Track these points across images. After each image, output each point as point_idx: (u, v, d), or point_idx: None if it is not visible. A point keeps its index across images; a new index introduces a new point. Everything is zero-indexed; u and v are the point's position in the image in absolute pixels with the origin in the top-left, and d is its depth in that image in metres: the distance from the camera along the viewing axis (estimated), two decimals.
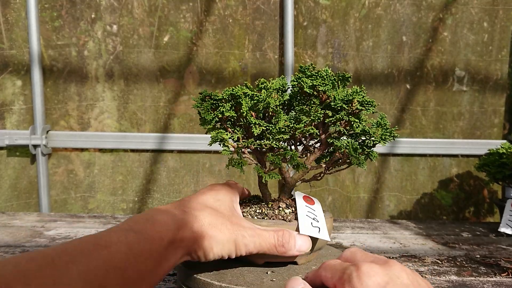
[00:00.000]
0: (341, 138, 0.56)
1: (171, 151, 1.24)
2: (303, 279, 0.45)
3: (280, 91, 0.55)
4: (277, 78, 0.55)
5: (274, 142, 0.51)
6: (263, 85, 0.54)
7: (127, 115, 1.22)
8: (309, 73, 0.54)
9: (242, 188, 0.58)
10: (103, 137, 1.20)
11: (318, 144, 0.57)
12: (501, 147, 1.00)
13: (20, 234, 0.83)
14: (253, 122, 0.51)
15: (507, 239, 0.89)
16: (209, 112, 0.52)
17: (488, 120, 1.30)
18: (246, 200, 0.59)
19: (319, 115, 0.51)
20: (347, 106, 0.52)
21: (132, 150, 1.23)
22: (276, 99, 0.52)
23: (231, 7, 1.21)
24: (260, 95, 0.51)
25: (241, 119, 0.53)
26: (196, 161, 1.25)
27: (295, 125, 0.52)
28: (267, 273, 0.50)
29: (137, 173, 1.24)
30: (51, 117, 1.21)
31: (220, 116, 0.52)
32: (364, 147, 0.55)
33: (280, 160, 0.51)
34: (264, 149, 0.54)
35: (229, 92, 0.51)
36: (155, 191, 1.24)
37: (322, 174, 0.57)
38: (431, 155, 1.29)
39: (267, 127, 0.51)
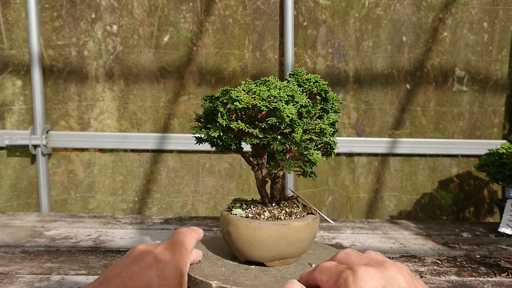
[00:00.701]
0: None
1: (171, 151, 1.24)
2: (298, 280, 0.44)
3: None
4: (271, 78, 0.56)
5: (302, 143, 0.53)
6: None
7: (127, 115, 1.22)
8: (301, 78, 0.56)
9: (201, 232, 0.53)
10: (103, 137, 1.20)
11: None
12: (501, 147, 1.00)
13: (20, 234, 0.83)
14: (298, 123, 0.51)
15: (507, 239, 0.89)
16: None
17: (488, 120, 1.30)
18: (249, 205, 0.59)
19: (334, 116, 0.54)
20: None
21: (132, 150, 1.23)
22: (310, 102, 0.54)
23: (231, 7, 1.21)
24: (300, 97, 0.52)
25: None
26: (196, 161, 1.25)
27: (321, 124, 0.53)
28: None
29: (137, 173, 1.24)
30: (51, 117, 1.21)
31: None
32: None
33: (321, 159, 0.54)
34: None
35: (288, 93, 0.51)
36: (155, 191, 1.24)
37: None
38: (431, 155, 1.29)
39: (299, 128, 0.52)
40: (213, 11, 1.21)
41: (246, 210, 0.56)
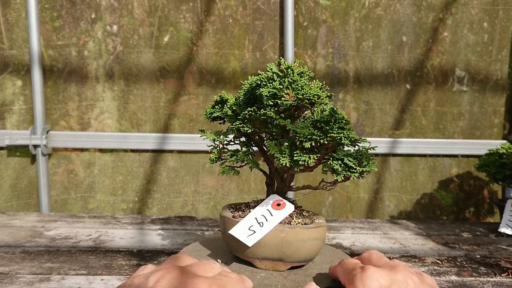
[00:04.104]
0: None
1: (171, 151, 1.24)
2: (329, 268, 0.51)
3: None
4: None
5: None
6: None
7: (127, 115, 1.22)
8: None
9: (250, 284, 0.44)
10: (103, 137, 1.20)
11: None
12: (501, 147, 1.00)
13: (20, 234, 0.83)
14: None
15: (507, 239, 0.89)
16: None
17: (488, 120, 1.30)
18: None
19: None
20: None
21: (132, 150, 1.23)
22: None
23: (231, 7, 1.21)
24: None
25: None
26: (196, 161, 1.25)
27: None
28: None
29: (137, 173, 1.24)
30: (51, 117, 1.21)
31: None
32: None
33: None
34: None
35: None
36: (155, 191, 1.24)
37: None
38: (431, 155, 1.29)
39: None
40: (213, 11, 1.21)
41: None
